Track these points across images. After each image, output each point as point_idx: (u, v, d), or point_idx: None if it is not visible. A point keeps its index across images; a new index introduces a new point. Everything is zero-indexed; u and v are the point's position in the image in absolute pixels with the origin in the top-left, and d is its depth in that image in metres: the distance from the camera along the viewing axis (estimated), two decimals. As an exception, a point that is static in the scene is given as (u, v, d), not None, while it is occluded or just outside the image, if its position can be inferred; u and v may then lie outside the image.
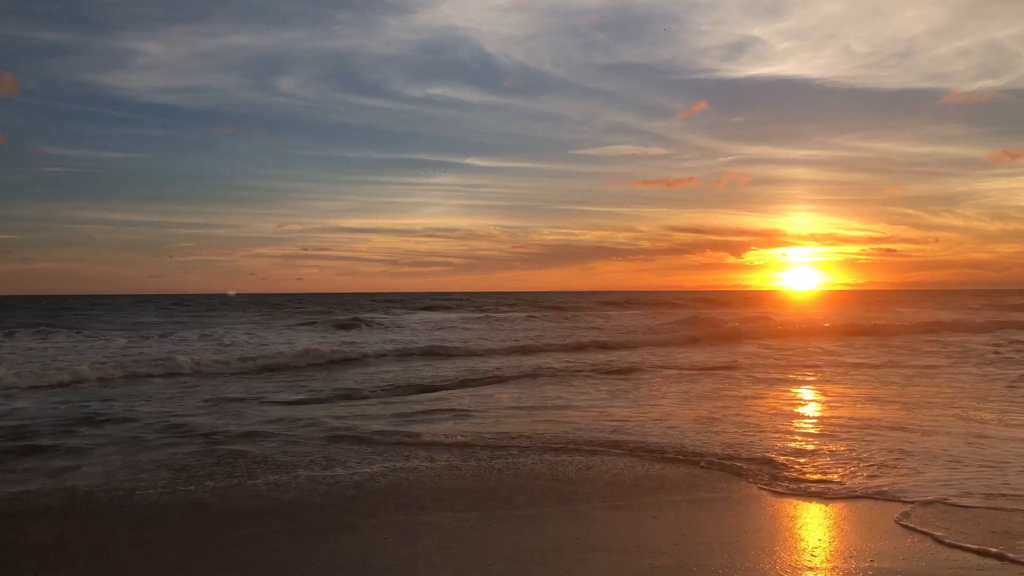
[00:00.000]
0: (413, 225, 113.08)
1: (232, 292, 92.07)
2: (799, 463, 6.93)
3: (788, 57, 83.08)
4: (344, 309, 51.72)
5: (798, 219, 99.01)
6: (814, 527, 5.24)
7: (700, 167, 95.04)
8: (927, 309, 46.50)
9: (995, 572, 4.31)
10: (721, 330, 26.04)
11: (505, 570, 4.47)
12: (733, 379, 13.86)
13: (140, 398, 11.83)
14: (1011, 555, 4.47)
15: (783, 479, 6.41)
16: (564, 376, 14.57)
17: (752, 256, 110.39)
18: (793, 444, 7.81)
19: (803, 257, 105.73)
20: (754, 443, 7.86)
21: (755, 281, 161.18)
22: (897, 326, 29.21)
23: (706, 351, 20.16)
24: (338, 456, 7.52)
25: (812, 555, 4.63)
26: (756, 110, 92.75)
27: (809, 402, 11.17)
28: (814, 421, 9.40)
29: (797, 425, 9.02)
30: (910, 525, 5.10)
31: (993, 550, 4.56)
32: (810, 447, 7.66)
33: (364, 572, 4.50)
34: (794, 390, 12.34)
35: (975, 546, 4.64)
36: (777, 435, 8.33)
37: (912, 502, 5.59)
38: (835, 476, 6.46)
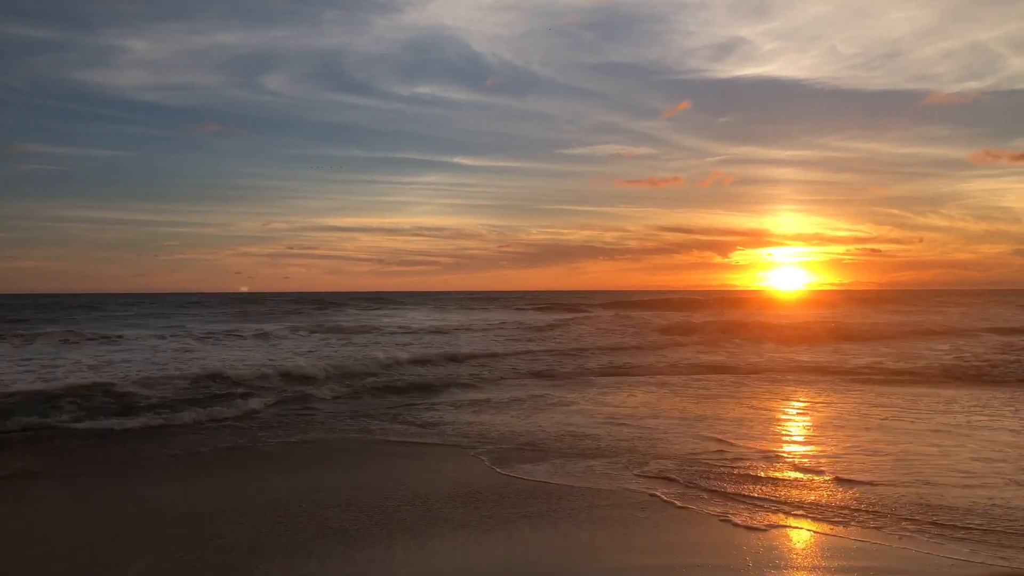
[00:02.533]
0: (401, 224, 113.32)
1: (244, 289, 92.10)
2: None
3: (775, 58, 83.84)
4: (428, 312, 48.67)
5: (784, 219, 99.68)
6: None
7: (687, 167, 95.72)
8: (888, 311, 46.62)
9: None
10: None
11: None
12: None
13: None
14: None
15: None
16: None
17: (738, 256, 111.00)
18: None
19: (789, 257, 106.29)
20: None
21: (742, 281, 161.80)
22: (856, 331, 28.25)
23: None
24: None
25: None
26: (743, 110, 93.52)
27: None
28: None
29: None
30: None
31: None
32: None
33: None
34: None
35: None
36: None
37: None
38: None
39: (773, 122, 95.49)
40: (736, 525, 5.43)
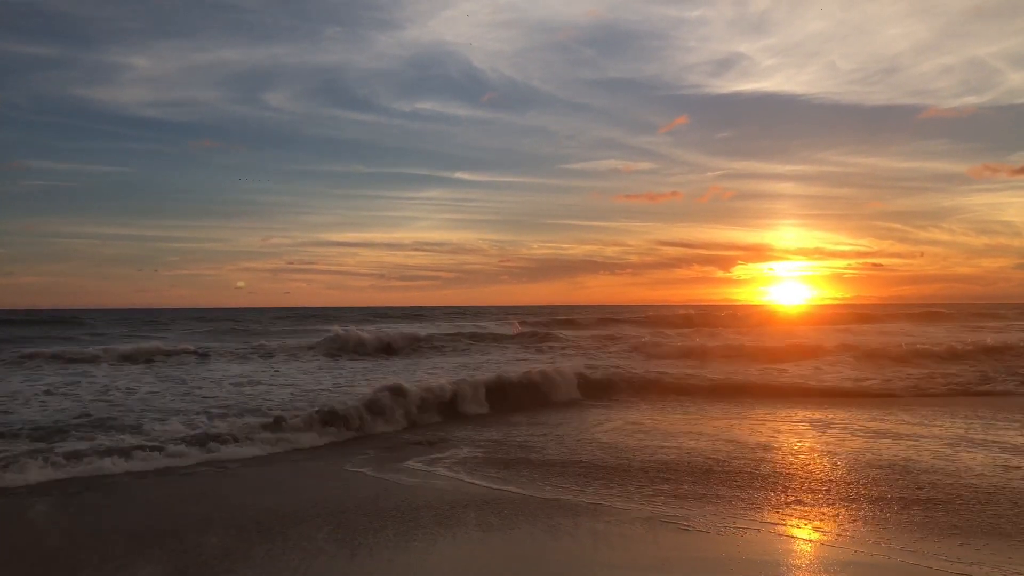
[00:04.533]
0: (402, 239, 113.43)
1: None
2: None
3: (774, 73, 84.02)
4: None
5: (785, 234, 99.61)
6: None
7: (686, 182, 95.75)
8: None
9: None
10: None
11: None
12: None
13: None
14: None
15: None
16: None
17: (740, 270, 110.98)
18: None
19: (790, 272, 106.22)
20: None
21: (743, 295, 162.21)
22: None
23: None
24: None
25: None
26: (742, 125, 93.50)
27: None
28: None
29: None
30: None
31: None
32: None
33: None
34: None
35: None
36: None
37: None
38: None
39: (772, 137, 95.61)
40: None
